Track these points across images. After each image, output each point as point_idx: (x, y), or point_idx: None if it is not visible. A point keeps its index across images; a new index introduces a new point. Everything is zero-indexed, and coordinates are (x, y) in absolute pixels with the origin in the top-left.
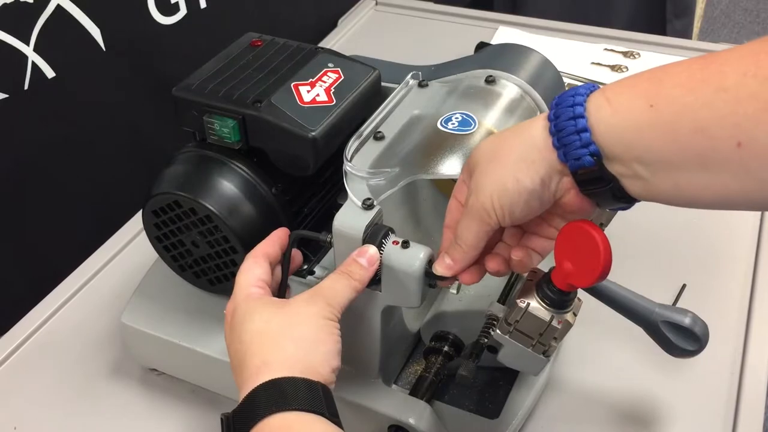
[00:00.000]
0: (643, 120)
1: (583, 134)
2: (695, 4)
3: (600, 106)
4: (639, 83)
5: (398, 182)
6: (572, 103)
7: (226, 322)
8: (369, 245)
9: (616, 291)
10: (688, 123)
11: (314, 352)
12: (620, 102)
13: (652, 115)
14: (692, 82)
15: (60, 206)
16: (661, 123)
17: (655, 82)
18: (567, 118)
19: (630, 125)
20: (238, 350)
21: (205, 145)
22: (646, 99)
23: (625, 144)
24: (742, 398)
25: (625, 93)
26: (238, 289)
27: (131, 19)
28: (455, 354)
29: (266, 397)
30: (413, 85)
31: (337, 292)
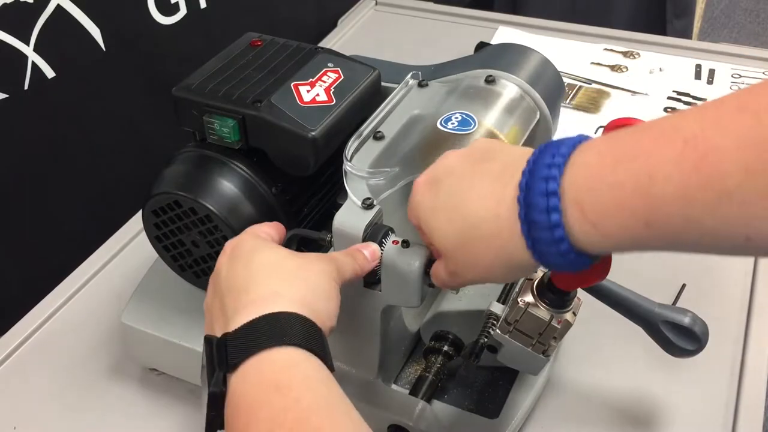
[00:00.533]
0: (640, 237)
1: (561, 245)
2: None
3: (586, 232)
4: (624, 197)
5: (398, 182)
6: (546, 207)
7: (223, 253)
8: (371, 242)
9: (616, 291)
10: (693, 232)
11: (323, 303)
12: (609, 226)
13: (651, 233)
14: (689, 188)
15: (60, 206)
16: (662, 236)
17: (643, 193)
18: (542, 227)
19: (624, 244)
20: (240, 276)
21: (205, 145)
22: (641, 218)
23: (617, 251)
24: (742, 398)
25: (611, 214)
26: (246, 232)
27: (131, 19)
28: (455, 354)
29: (273, 328)
30: (413, 85)
31: (345, 265)
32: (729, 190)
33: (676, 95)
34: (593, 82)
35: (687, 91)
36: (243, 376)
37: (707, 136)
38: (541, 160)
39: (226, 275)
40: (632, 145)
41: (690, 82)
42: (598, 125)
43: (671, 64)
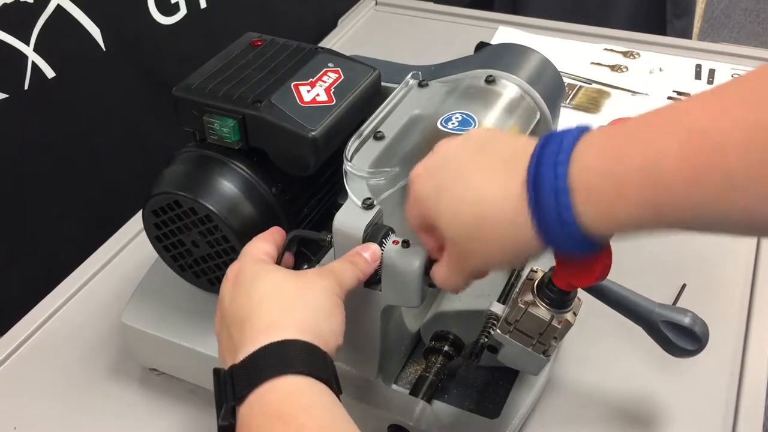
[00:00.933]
0: (647, 220)
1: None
2: (695, 4)
3: (593, 214)
4: (632, 184)
5: (398, 182)
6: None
7: (226, 279)
8: (371, 243)
9: (616, 291)
10: (699, 215)
11: (325, 324)
12: (616, 209)
13: (657, 216)
14: (695, 173)
15: (60, 206)
16: (668, 219)
17: (649, 179)
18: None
19: (631, 227)
20: (243, 306)
21: (205, 145)
22: (647, 202)
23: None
24: (742, 398)
25: (619, 197)
26: (246, 254)
27: (131, 19)
28: (455, 354)
29: (274, 357)
30: (413, 85)
31: (346, 275)
32: (733, 172)
33: (676, 95)
34: (593, 82)
35: (687, 91)
36: (249, 407)
37: (711, 124)
38: (548, 147)
39: (230, 305)
40: (638, 135)
41: (690, 82)
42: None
43: (671, 64)
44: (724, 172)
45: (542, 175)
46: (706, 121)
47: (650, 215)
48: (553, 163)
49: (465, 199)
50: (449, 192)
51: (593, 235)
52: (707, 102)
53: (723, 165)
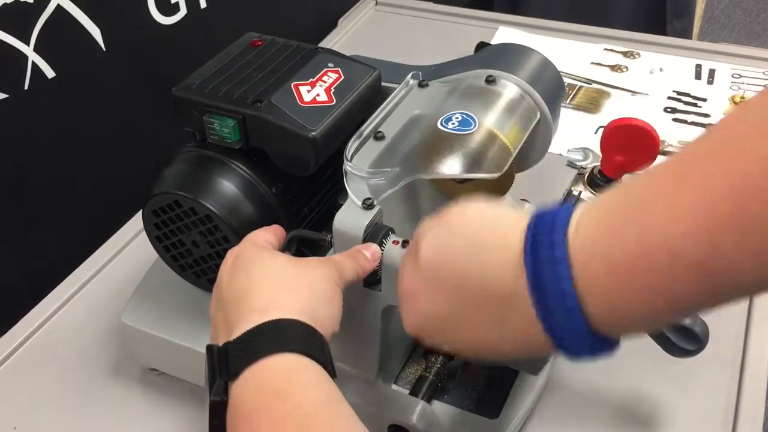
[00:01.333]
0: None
1: (577, 321)
2: (695, 4)
3: (603, 318)
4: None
5: (398, 182)
6: (557, 279)
7: (225, 262)
8: (372, 243)
9: None
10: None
11: (324, 308)
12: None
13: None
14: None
15: (60, 206)
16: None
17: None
18: (555, 296)
19: (647, 323)
20: (241, 285)
21: (205, 145)
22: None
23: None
24: (742, 398)
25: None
26: (246, 239)
27: (131, 19)
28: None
29: (272, 335)
30: (413, 85)
31: (346, 266)
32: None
33: (676, 95)
34: (593, 82)
35: (687, 91)
36: (244, 384)
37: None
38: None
39: (228, 285)
40: (636, 219)
41: (690, 82)
42: (598, 125)
43: (671, 64)
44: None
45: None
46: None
47: (662, 313)
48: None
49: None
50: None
51: (602, 330)
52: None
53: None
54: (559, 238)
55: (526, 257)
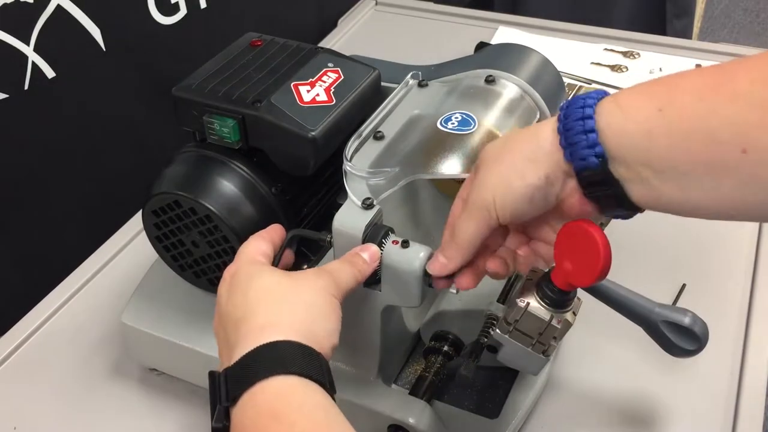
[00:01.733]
0: (651, 124)
1: (590, 135)
2: (695, 4)
3: (610, 110)
4: (651, 88)
5: (398, 182)
6: (582, 105)
7: (223, 281)
8: (370, 243)
9: (616, 291)
10: (696, 128)
11: (320, 323)
12: (630, 105)
13: (661, 120)
14: (704, 88)
15: (60, 206)
16: (669, 128)
17: (668, 87)
18: (576, 118)
19: (638, 128)
20: (238, 306)
21: (205, 145)
22: (657, 103)
23: (632, 147)
24: (742, 398)
25: (636, 97)
26: (242, 255)
27: (131, 19)
28: (455, 354)
29: (267, 358)
30: (413, 84)
31: (343, 275)
32: (736, 93)
33: None
34: (593, 82)
35: None
36: (242, 408)
37: (732, 63)
38: (576, 98)
39: (226, 304)
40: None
41: None
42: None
43: (671, 64)
44: (729, 90)
45: (573, 104)
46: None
47: (656, 114)
48: (583, 97)
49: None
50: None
51: (609, 143)
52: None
53: (730, 84)
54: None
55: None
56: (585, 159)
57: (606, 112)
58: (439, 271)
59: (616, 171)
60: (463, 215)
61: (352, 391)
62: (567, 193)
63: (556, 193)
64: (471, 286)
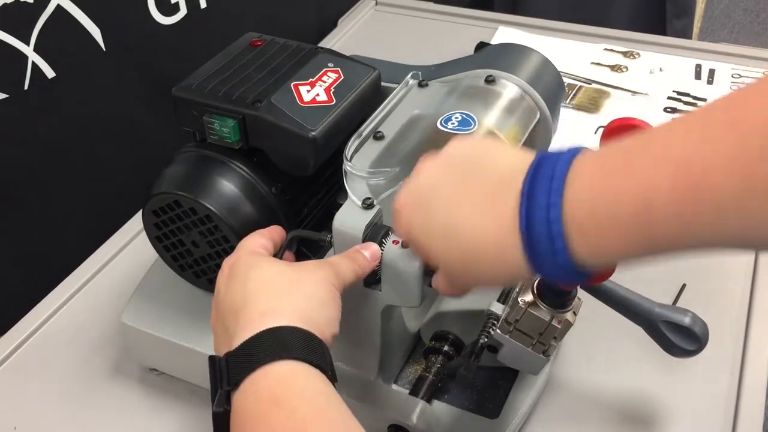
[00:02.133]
0: (641, 255)
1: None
2: (695, 4)
3: (587, 253)
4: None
5: (398, 182)
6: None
7: (221, 272)
8: (371, 242)
9: (616, 291)
10: (693, 246)
11: (321, 312)
12: (609, 249)
13: (651, 251)
14: (686, 210)
15: (60, 206)
16: (662, 252)
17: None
18: (545, 253)
19: (625, 261)
20: (238, 295)
21: (205, 145)
22: (641, 240)
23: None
24: (742, 398)
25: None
26: (241, 247)
27: (131, 19)
28: (455, 354)
29: (269, 343)
30: (413, 85)
31: (344, 268)
32: (725, 207)
33: (676, 95)
34: (593, 82)
35: (687, 91)
36: (244, 393)
37: (698, 158)
38: (540, 179)
39: (225, 295)
40: (626, 171)
41: (690, 82)
42: (598, 125)
43: (671, 64)
44: (714, 205)
45: (534, 208)
46: (692, 153)
47: (642, 249)
48: (546, 193)
49: (455, 238)
50: (438, 231)
51: (584, 266)
52: (692, 129)
53: (713, 199)
54: (557, 184)
55: (522, 194)
56: (558, 277)
57: (580, 250)
58: (446, 294)
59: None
60: (451, 291)
61: (353, 391)
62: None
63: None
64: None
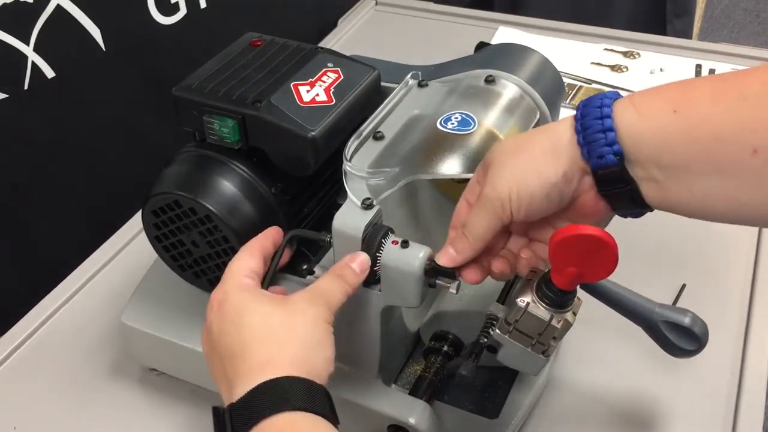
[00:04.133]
0: (666, 124)
1: (608, 133)
2: (695, 4)
3: (626, 109)
4: (667, 91)
5: (398, 182)
6: (600, 104)
7: (210, 307)
8: (360, 252)
9: (616, 291)
10: (708, 129)
11: (317, 354)
12: (645, 106)
13: (675, 120)
14: (717, 92)
15: (60, 206)
16: (683, 128)
17: (683, 90)
18: (594, 117)
19: (653, 128)
20: (234, 342)
21: (205, 145)
22: (671, 105)
23: (647, 147)
24: (742, 398)
25: (651, 98)
26: (229, 276)
27: (131, 19)
28: (455, 354)
29: (270, 395)
30: (413, 85)
31: (334, 294)
32: (746, 94)
33: None
34: (593, 82)
35: None
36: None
37: (745, 70)
38: (593, 98)
39: (219, 338)
40: (664, 89)
41: None
42: None
43: (671, 64)
44: (739, 92)
45: (590, 103)
46: (745, 70)
47: (670, 115)
48: (599, 101)
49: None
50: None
51: (625, 142)
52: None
53: (741, 87)
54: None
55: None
56: (603, 157)
57: (622, 112)
58: (448, 263)
59: (632, 170)
60: (477, 209)
61: (352, 391)
62: (582, 190)
63: (572, 190)
64: (478, 280)
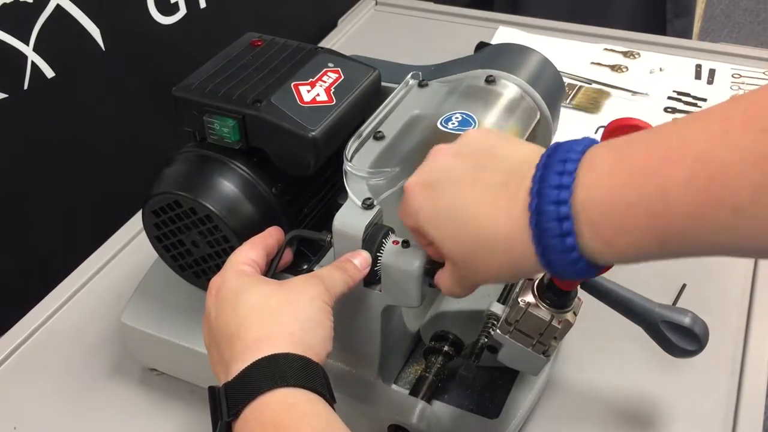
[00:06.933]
0: (653, 252)
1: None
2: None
3: (598, 249)
4: (638, 219)
5: (398, 182)
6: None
7: (209, 294)
8: (362, 250)
9: (616, 291)
10: (706, 247)
11: (314, 333)
12: (622, 244)
13: (664, 249)
14: (702, 208)
15: (60, 206)
16: (675, 251)
17: (656, 213)
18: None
19: (637, 258)
20: (230, 322)
21: (205, 145)
22: (654, 237)
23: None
24: (742, 398)
25: (625, 232)
26: (229, 265)
27: (131, 19)
28: (455, 354)
29: (267, 372)
30: (413, 85)
31: (335, 281)
32: (740, 207)
33: (677, 95)
34: (593, 82)
35: (687, 91)
36: (245, 422)
37: (716, 154)
38: (552, 167)
39: (217, 320)
40: (643, 162)
41: (690, 82)
42: (598, 125)
43: (671, 64)
44: (730, 204)
45: (545, 201)
46: (711, 149)
47: (654, 247)
48: (556, 188)
49: (464, 225)
50: (449, 217)
51: (595, 262)
52: (711, 126)
53: (730, 198)
54: (567, 180)
55: (534, 182)
56: (567, 273)
57: (590, 245)
58: (449, 293)
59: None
60: (455, 288)
61: (352, 391)
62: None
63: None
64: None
